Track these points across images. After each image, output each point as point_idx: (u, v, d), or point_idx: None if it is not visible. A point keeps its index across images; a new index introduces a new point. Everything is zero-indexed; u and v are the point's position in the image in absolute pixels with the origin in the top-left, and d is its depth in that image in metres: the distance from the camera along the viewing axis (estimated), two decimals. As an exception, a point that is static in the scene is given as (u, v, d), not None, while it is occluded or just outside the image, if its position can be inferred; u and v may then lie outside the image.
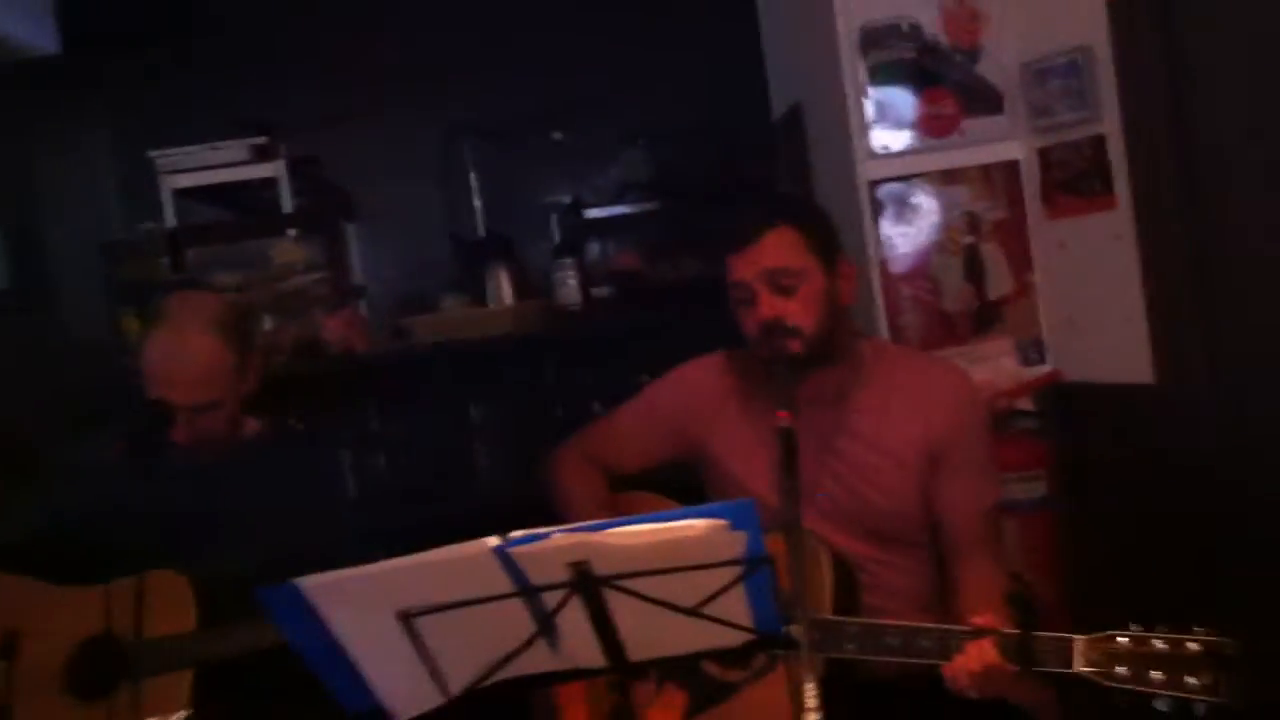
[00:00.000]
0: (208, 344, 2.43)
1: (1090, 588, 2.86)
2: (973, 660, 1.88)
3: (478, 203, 5.18)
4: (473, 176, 5.20)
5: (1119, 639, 1.80)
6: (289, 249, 3.66)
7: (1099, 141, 2.95)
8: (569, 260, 3.79)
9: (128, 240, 3.73)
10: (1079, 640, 1.83)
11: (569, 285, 3.74)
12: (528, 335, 3.70)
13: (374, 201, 4.66)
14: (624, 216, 4.93)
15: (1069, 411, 3.11)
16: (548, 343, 3.84)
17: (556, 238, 4.40)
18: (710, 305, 3.55)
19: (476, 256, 4.18)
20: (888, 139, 3.18)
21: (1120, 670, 1.78)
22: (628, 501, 2.46)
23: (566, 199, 4.54)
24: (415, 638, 1.63)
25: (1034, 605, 1.91)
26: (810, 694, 1.46)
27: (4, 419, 4.10)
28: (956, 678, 1.90)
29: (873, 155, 3.18)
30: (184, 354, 2.40)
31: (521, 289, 3.93)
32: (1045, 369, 3.18)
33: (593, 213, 4.67)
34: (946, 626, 1.97)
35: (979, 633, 1.90)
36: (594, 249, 4.43)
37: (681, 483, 2.40)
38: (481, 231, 4.87)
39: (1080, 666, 1.81)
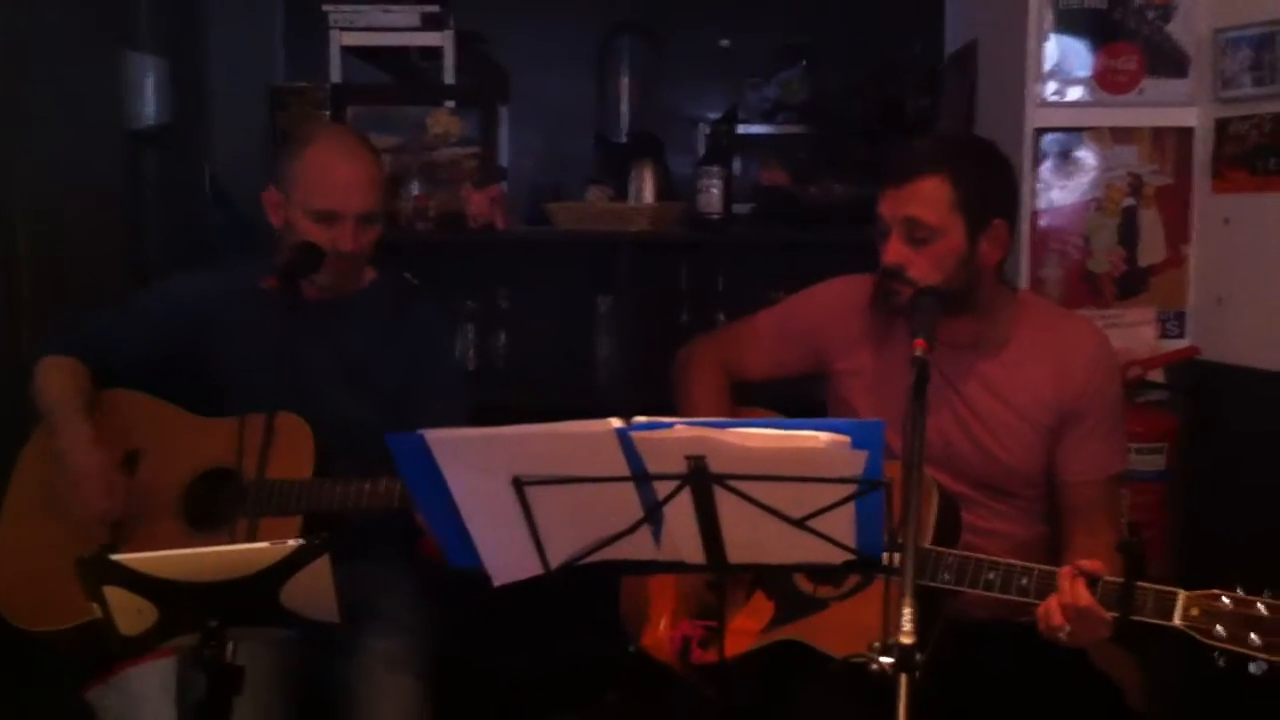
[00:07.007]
0: (371, 156, 2.49)
1: (1199, 568, 2.81)
2: (1071, 596, 1.86)
3: (625, 107, 5.19)
4: (625, 81, 5.20)
5: (1223, 599, 1.79)
6: (444, 119, 3.68)
7: (1281, 120, 2.84)
8: (715, 168, 3.76)
9: (293, 88, 3.79)
10: (1182, 595, 1.82)
11: (712, 194, 3.70)
12: (665, 237, 3.69)
13: (528, 89, 4.68)
14: (774, 136, 4.90)
15: (1202, 390, 3.04)
16: (684, 248, 3.83)
17: (701, 151, 4.38)
18: (854, 232, 3.55)
19: (623, 154, 4.17)
20: (1062, 89, 3.10)
21: (1219, 630, 1.77)
22: (747, 415, 2.47)
23: (713, 115, 4.50)
24: (525, 505, 1.67)
25: (1145, 557, 1.88)
26: (907, 618, 1.46)
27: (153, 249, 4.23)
28: (1050, 616, 1.89)
29: (1043, 103, 3.11)
30: (357, 161, 2.44)
31: (663, 191, 3.91)
32: (1184, 344, 3.11)
33: (744, 128, 4.63)
34: (1049, 568, 1.95)
35: (1082, 574, 1.87)
36: (738, 166, 4.39)
37: (799, 406, 2.39)
38: (625, 136, 4.87)
39: (1179, 621, 1.80)
